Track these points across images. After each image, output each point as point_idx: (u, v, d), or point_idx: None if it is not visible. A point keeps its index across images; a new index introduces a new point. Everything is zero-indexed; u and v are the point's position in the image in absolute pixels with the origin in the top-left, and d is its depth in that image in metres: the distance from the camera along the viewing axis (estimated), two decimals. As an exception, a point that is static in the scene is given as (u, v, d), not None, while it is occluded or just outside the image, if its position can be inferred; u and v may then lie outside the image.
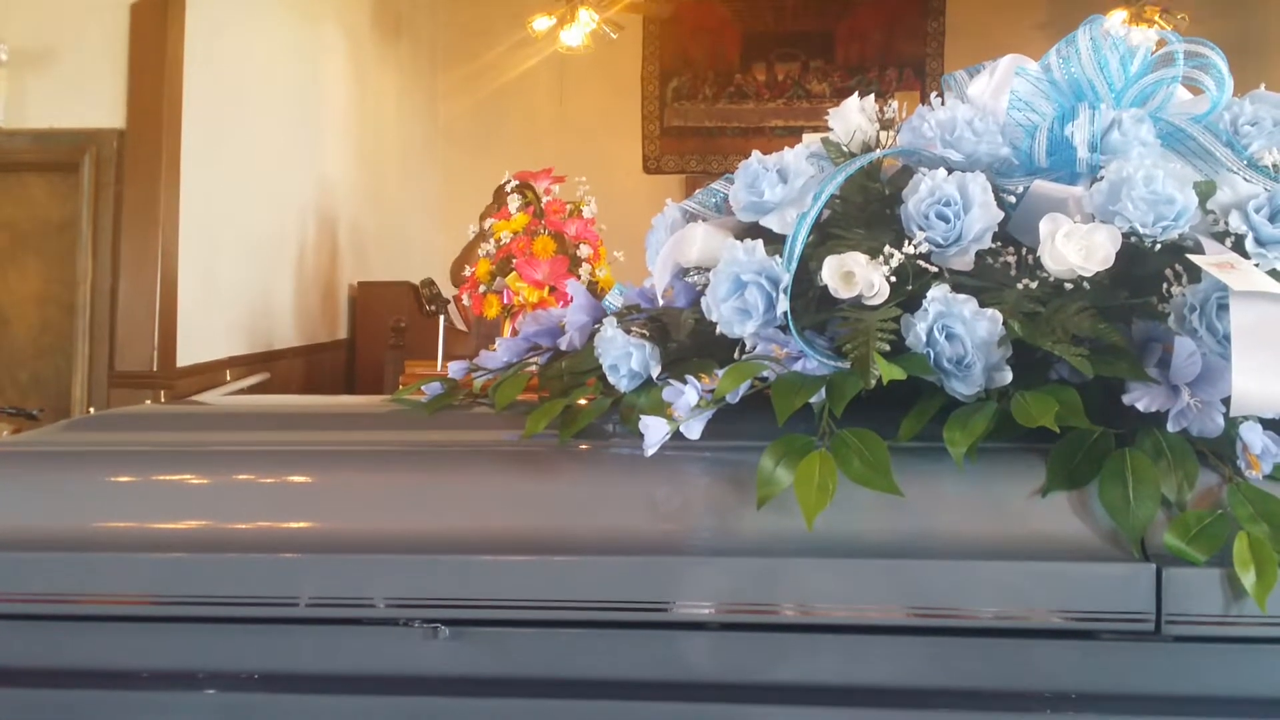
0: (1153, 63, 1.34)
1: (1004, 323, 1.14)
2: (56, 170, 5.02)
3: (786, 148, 1.35)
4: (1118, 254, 1.14)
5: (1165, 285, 1.16)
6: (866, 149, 1.35)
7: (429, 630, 1.17)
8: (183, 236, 5.14)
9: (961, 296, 1.15)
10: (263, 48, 6.23)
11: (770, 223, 1.29)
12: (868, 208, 1.29)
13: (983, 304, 1.15)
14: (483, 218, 5.11)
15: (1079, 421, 1.11)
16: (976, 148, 1.26)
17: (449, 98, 9.66)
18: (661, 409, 1.17)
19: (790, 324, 1.18)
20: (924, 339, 1.15)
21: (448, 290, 6.33)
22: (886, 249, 1.18)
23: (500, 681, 1.19)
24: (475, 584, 1.17)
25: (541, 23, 8.05)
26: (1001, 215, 1.20)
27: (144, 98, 5.01)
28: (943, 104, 1.32)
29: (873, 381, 1.11)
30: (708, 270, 1.28)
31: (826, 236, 1.24)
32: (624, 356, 1.28)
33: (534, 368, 1.47)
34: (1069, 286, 1.16)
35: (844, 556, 1.13)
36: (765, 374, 1.18)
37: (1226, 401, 1.09)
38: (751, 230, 1.31)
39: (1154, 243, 1.16)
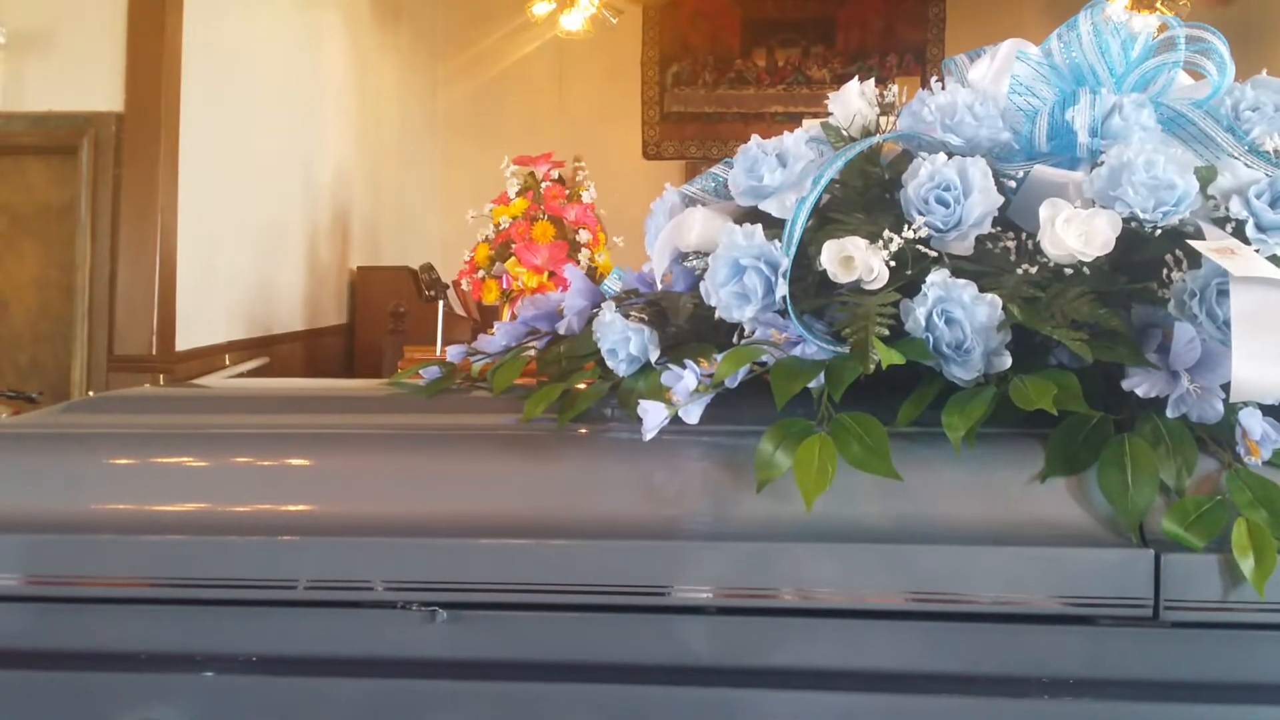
0: (1154, 47, 1.33)
1: (1003, 307, 1.13)
2: (55, 154, 5.02)
3: (786, 132, 1.34)
4: (1118, 239, 1.14)
5: (1165, 271, 1.16)
6: (866, 133, 1.34)
7: (426, 613, 1.17)
8: (181, 220, 5.14)
9: (961, 281, 1.15)
10: (262, 32, 6.21)
11: (769, 207, 1.29)
12: (867, 192, 1.29)
13: (982, 289, 1.15)
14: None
15: (1078, 407, 1.11)
16: (977, 132, 1.25)
17: (449, 83, 9.65)
18: (660, 393, 1.17)
19: (789, 308, 1.17)
20: (923, 324, 1.15)
21: (447, 275, 6.33)
22: (886, 233, 1.18)
23: (498, 665, 1.19)
24: (473, 567, 1.17)
25: (541, 7, 8.03)
26: (1001, 200, 1.20)
27: (143, 81, 5.01)
28: (943, 88, 1.31)
29: (872, 366, 1.11)
30: (707, 255, 1.28)
31: (826, 221, 1.24)
32: (622, 341, 1.27)
33: (532, 352, 1.47)
34: (1069, 272, 1.16)
35: (843, 541, 1.13)
36: (764, 358, 1.18)
37: (1226, 387, 1.09)
38: (751, 215, 1.31)
39: (1154, 228, 1.15)
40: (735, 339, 1.25)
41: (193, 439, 1.31)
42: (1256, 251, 1.12)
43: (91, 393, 4.81)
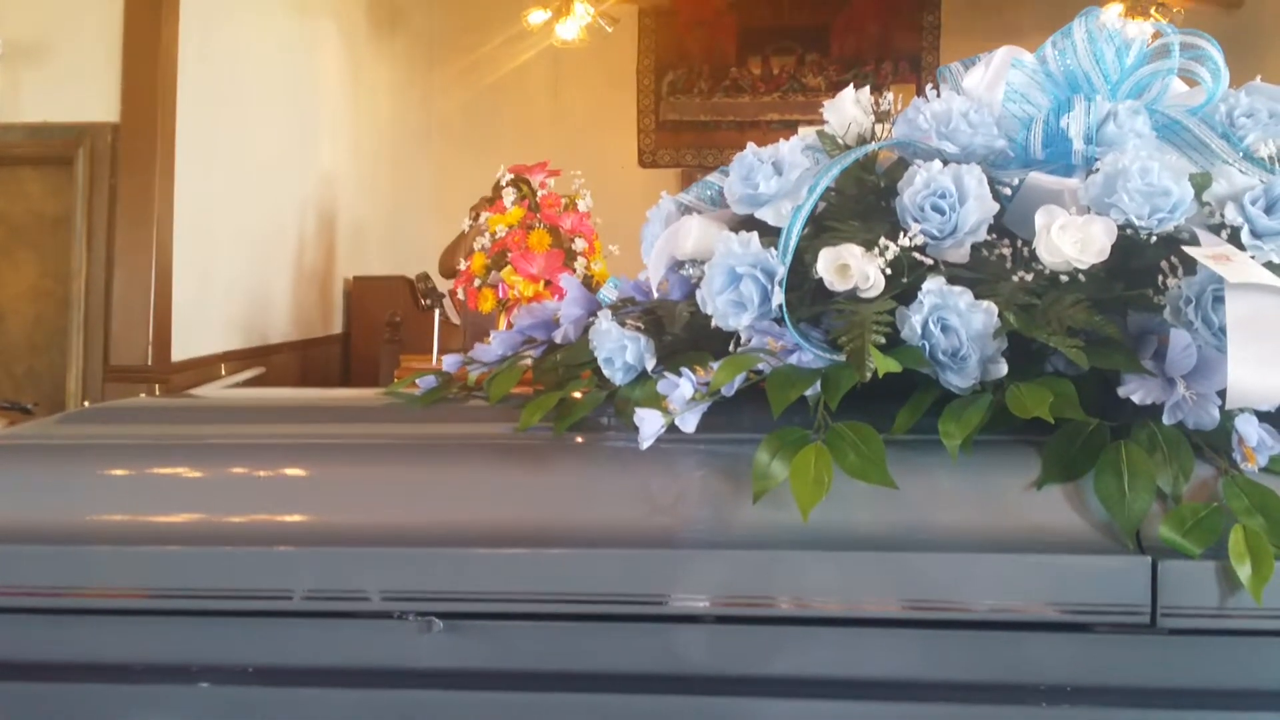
0: (1148, 55, 1.33)
1: (999, 315, 1.13)
2: (51, 164, 5.02)
3: (782, 140, 1.34)
4: (1113, 246, 1.14)
5: (1161, 277, 1.16)
6: (862, 141, 1.34)
7: (423, 623, 1.17)
8: (177, 231, 5.14)
9: (957, 289, 1.15)
10: (257, 41, 6.22)
11: (765, 215, 1.29)
12: (863, 200, 1.29)
13: (978, 296, 1.15)
14: (475, 211, 5.10)
15: (1074, 414, 1.11)
16: (972, 140, 1.26)
17: (444, 91, 9.65)
18: (657, 402, 1.17)
19: (785, 317, 1.17)
20: (919, 331, 1.15)
21: (443, 284, 6.33)
22: (882, 241, 1.18)
23: (494, 675, 1.19)
24: (470, 577, 1.17)
25: (537, 16, 8.04)
26: (997, 207, 1.20)
27: (138, 91, 5.01)
28: (939, 96, 1.31)
29: (868, 374, 1.11)
30: (703, 263, 1.28)
31: (821, 229, 1.24)
32: (619, 349, 1.27)
33: (528, 361, 1.47)
34: (1064, 279, 1.16)
35: (839, 549, 1.13)
36: (760, 367, 1.18)
37: (1222, 394, 1.09)
38: (747, 223, 1.31)
39: (1149, 235, 1.15)
40: (731, 347, 1.24)
41: (188, 450, 1.31)
42: (1252, 258, 1.12)
43: (87, 403, 4.81)
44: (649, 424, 1.15)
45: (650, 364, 1.27)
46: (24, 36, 4.93)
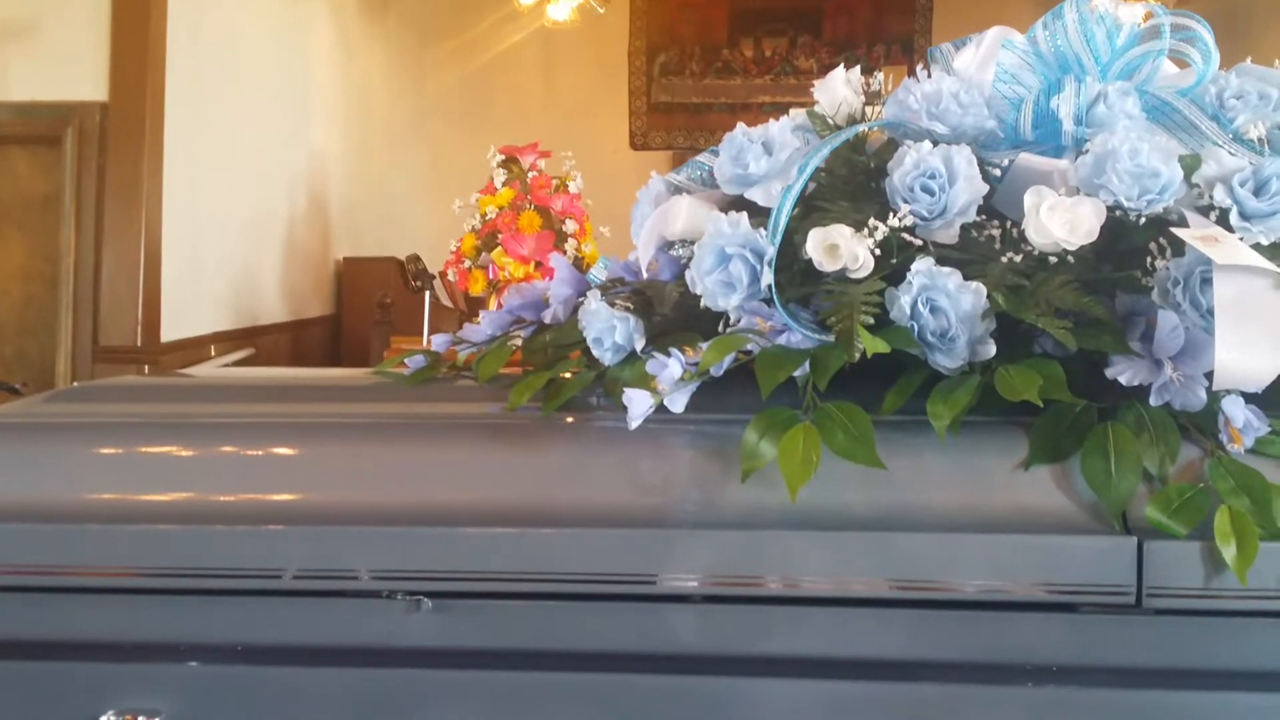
0: (1139, 36, 1.33)
1: (988, 296, 1.14)
2: (39, 143, 5.00)
3: (772, 120, 1.34)
4: (1102, 227, 1.14)
5: (1149, 259, 1.16)
6: (852, 121, 1.34)
7: (412, 602, 1.17)
8: (166, 211, 5.11)
9: (946, 269, 1.15)
10: (248, 21, 6.19)
11: (755, 195, 1.29)
12: (853, 180, 1.29)
13: (967, 277, 1.15)
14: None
15: (1062, 395, 1.11)
16: (962, 120, 1.25)
17: (436, 72, 9.60)
18: (645, 382, 1.17)
19: (774, 297, 1.17)
20: (908, 312, 1.15)
21: (434, 266, 6.32)
22: (871, 222, 1.18)
23: (483, 654, 1.19)
24: (459, 556, 1.17)
25: (528, -6, 8.00)
26: (986, 188, 1.20)
27: (127, 71, 4.98)
28: (929, 77, 1.31)
29: (856, 354, 1.11)
30: (692, 243, 1.28)
31: (811, 209, 1.24)
32: (608, 329, 1.27)
33: (518, 341, 1.46)
34: (1053, 260, 1.16)
35: (827, 529, 1.13)
36: (749, 347, 1.18)
37: (1209, 375, 1.09)
38: (736, 203, 1.31)
39: (1138, 216, 1.16)
40: (721, 327, 1.24)
41: (178, 428, 1.31)
42: (1240, 239, 1.12)
43: (76, 384, 4.80)
44: (638, 404, 1.15)
45: (639, 344, 1.27)
46: (12, 15, 4.90)
